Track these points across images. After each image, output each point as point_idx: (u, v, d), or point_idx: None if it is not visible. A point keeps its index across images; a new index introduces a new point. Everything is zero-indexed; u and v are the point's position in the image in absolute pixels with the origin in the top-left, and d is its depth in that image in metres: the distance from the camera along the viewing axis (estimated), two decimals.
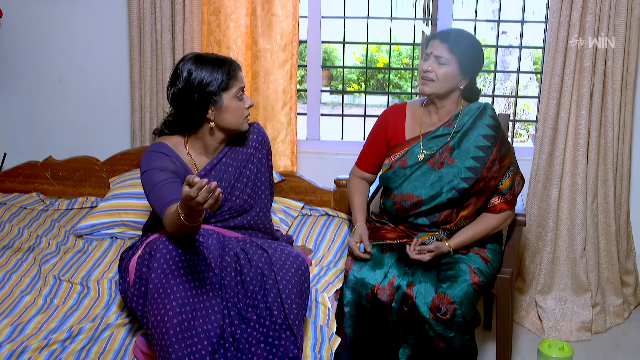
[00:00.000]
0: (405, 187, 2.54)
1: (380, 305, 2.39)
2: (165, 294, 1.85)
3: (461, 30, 2.51)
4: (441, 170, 2.50)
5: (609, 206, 3.17)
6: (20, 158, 3.50)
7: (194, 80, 2.15)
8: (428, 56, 2.46)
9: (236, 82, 2.20)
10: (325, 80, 8.86)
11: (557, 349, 2.76)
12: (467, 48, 2.44)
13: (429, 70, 2.44)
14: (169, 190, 2.06)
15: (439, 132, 2.54)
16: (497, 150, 2.49)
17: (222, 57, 2.21)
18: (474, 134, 2.50)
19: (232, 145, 2.35)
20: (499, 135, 2.51)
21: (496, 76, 6.61)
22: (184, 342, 1.80)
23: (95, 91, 3.49)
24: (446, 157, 2.51)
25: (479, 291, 2.41)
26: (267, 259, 2.03)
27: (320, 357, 2.02)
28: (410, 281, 2.38)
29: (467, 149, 2.49)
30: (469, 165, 2.47)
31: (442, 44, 2.43)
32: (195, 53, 2.24)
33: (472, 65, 2.47)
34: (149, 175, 2.14)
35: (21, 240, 2.79)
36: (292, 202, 3.10)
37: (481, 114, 2.53)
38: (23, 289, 2.39)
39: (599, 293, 3.24)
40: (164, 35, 3.17)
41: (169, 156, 2.21)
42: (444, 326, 2.32)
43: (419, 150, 2.55)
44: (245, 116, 2.24)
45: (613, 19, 2.94)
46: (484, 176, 2.47)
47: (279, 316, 1.91)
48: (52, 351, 1.98)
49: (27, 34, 3.43)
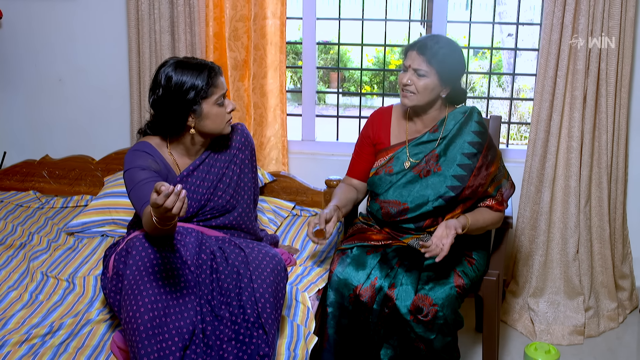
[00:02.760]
0: (391, 194, 2.53)
1: (362, 307, 2.39)
2: (138, 290, 1.88)
3: (439, 38, 2.45)
4: (428, 178, 2.49)
5: (603, 209, 3.15)
6: (20, 157, 3.55)
7: (172, 88, 2.14)
8: (407, 69, 2.43)
9: (216, 89, 2.19)
10: (336, 82, 8.89)
11: (544, 352, 2.75)
12: (446, 58, 2.40)
13: (408, 84, 2.42)
14: (149, 189, 2.08)
15: (424, 139, 2.53)
16: (483, 156, 2.48)
17: (202, 63, 2.19)
18: (460, 140, 2.48)
19: (215, 146, 2.36)
20: (485, 142, 2.50)
21: (504, 78, 6.58)
22: (154, 339, 1.82)
23: (94, 91, 3.53)
24: (432, 165, 2.49)
25: (462, 294, 2.40)
26: (243, 257, 2.04)
27: (295, 356, 2.03)
28: (392, 283, 2.38)
29: (454, 157, 2.48)
30: (455, 173, 2.46)
31: (419, 56, 2.39)
32: (176, 58, 2.23)
33: (452, 74, 2.44)
34: (131, 173, 2.17)
35: (14, 237, 2.84)
36: (282, 202, 3.12)
37: (467, 119, 2.51)
38: (11, 284, 2.43)
39: (593, 297, 3.22)
40: (162, 37, 3.20)
41: (151, 155, 2.24)
42: (424, 328, 2.32)
43: (404, 157, 2.54)
44: (227, 120, 2.25)
45: (607, 20, 2.92)
46: (470, 184, 2.46)
47: (252, 314, 1.92)
48: (31, 345, 2.02)
49: (27, 34, 3.48)
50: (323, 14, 7.93)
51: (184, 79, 2.14)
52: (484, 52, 6.70)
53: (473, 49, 6.52)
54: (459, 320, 2.40)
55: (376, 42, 3.55)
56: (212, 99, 2.18)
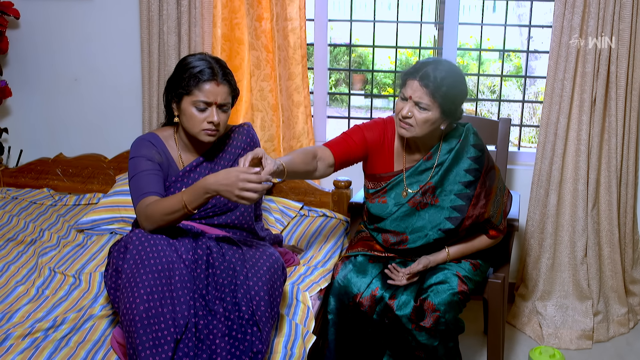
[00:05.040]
0: (389, 225, 2.47)
1: (362, 315, 2.39)
2: (134, 282, 1.91)
3: (441, 67, 2.24)
4: (425, 210, 2.42)
5: (612, 213, 3.12)
6: (36, 155, 3.62)
7: (176, 68, 2.24)
8: (406, 99, 2.27)
9: (199, 92, 2.18)
10: (360, 84, 8.89)
11: (548, 356, 2.73)
12: (450, 90, 2.23)
13: (408, 116, 2.26)
14: (149, 180, 2.15)
15: (421, 168, 2.42)
16: (481, 183, 2.38)
17: (207, 64, 2.20)
18: (457, 169, 2.38)
19: (220, 144, 2.39)
20: (482, 167, 2.39)
21: (523, 81, 6.53)
22: (149, 328, 1.86)
23: (109, 91, 3.59)
24: (429, 198, 2.41)
25: (464, 299, 2.39)
26: (240, 254, 2.06)
27: (292, 354, 2.05)
28: (393, 294, 2.37)
29: (451, 187, 2.39)
30: (453, 204, 2.38)
31: (421, 88, 2.22)
32: (204, 53, 2.29)
33: (455, 106, 2.28)
34: (135, 161, 2.24)
35: (25, 234, 2.90)
36: (290, 203, 3.13)
37: (462, 145, 2.38)
38: (19, 279, 2.48)
39: (602, 301, 3.19)
40: (169, 37, 3.24)
41: (156, 147, 2.29)
42: (428, 335, 2.30)
43: (401, 188, 2.45)
44: (202, 128, 2.22)
45: (617, 23, 2.89)
46: (470, 214, 2.38)
47: (246, 312, 1.94)
48: (34, 339, 2.05)
49: (44, 35, 3.55)
50: (346, 16, 7.95)
51: (189, 66, 2.20)
52: (508, 54, 6.67)
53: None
54: (460, 326, 2.39)
55: (398, 45, 3.54)
56: (191, 99, 2.19)
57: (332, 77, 8.39)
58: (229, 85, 2.22)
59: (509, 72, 6.68)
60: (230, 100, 2.25)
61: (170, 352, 1.86)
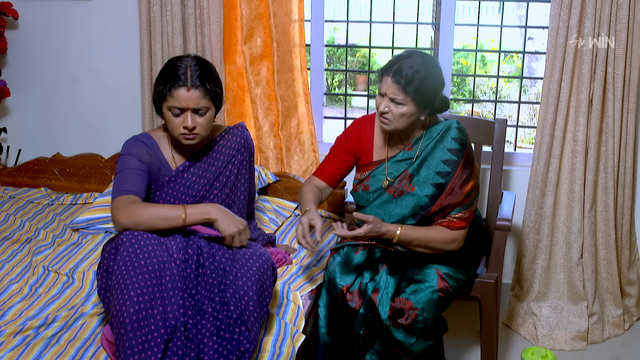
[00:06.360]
0: (369, 212, 2.48)
1: (349, 309, 2.40)
2: (124, 284, 1.92)
3: (413, 61, 2.29)
4: (401, 198, 2.44)
5: (609, 215, 3.12)
6: (35, 154, 3.64)
7: (158, 75, 2.24)
8: (383, 96, 2.33)
9: (171, 98, 2.17)
10: (364, 85, 8.89)
11: (540, 356, 2.73)
12: (422, 83, 2.27)
13: (385, 111, 2.33)
14: (133, 180, 2.19)
15: (399, 157, 2.47)
16: (458, 175, 2.40)
17: (182, 69, 2.17)
18: (434, 159, 2.41)
19: (213, 145, 2.40)
20: (460, 160, 2.40)
21: (524, 82, 6.53)
22: (139, 331, 1.86)
23: (107, 91, 3.60)
24: (405, 185, 2.44)
25: (445, 297, 2.38)
26: (230, 255, 2.07)
27: (280, 353, 2.06)
28: (375, 287, 2.38)
29: (427, 176, 2.41)
30: (428, 193, 2.40)
31: (394, 84, 2.28)
32: (189, 55, 2.26)
33: (430, 98, 2.33)
34: (124, 158, 2.27)
35: (21, 232, 2.91)
36: (285, 203, 3.14)
37: (442, 137, 2.42)
38: (12, 277, 2.49)
39: (597, 302, 3.18)
40: (175, 38, 3.25)
41: (147, 146, 2.30)
42: (405, 333, 2.31)
43: (382, 176, 2.49)
44: (179, 132, 2.21)
45: (614, 24, 2.89)
46: (440, 202, 2.39)
47: (234, 311, 1.95)
48: (25, 336, 2.07)
49: (43, 36, 3.56)
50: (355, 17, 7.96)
51: (166, 71, 2.20)
52: (511, 55, 6.65)
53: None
54: (441, 325, 2.38)
55: (397, 45, 3.55)
56: (166, 104, 2.19)
57: (336, 77, 8.40)
58: (202, 89, 2.17)
59: (510, 73, 6.66)
60: (207, 104, 2.19)
61: (160, 353, 1.87)
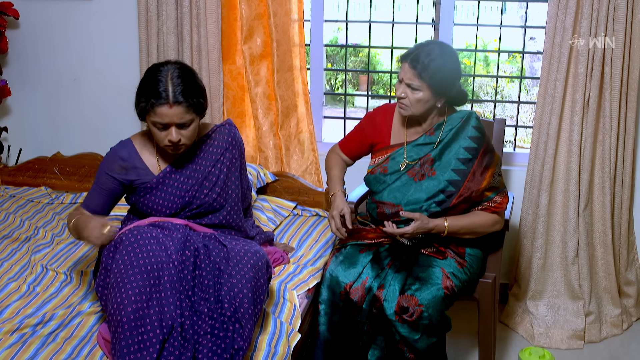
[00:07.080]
0: (385, 196, 2.54)
1: (352, 305, 2.41)
2: (122, 283, 1.93)
3: (431, 49, 2.39)
4: (422, 182, 2.49)
5: (605, 214, 3.12)
6: (36, 154, 3.65)
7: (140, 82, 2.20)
8: (400, 82, 2.44)
9: (154, 115, 2.12)
10: (367, 85, 8.90)
11: (537, 356, 2.73)
12: (438, 71, 2.36)
13: (402, 97, 2.43)
14: (96, 196, 2.33)
15: (420, 141, 2.54)
16: (478, 162, 2.48)
17: (162, 85, 2.11)
18: (456, 146, 2.49)
19: (200, 144, 2.36)
20: (481, 147, 2.49)
21: (526, 82, 6.52)
22: (136, 330, 1.88)
23: (108, 90, 3.61)
24: (427, 169, 2.50)
25: (450, 295, 2.40)
26: (225, 253, 2.08)
27: (275, 352, 2.07)
28: (381, 284, 2.40)
29: (448, 161, 2.48)
30: (449, 178, 2.47)
31: (411, 70, 2.38)
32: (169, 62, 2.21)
33: (445, 86, 2.42)
34: (98, 173, 2.34)
35: (20, 231, 2.93)
36: (284, 202, 3.15)
37: (464, 125, 2.51)
38: (11, 276, 2.51)
39: (594, 302, 3.18)
40: (168, 37, 3.26)
41: (124, 160, 2.30)
42: (410, 328, 2.33)
43: (401, 159, 2.55)
44: (165, 144, 2.19)
45: (611, 24, 2.88)
46: (464, 190, 2.46)
47: (228, 309, 1.96)
48: (22, 334, 2.08)
49: (44, 35, 3.58)
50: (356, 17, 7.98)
51: (147, 83, 2.14)
52: (514, 56, 6.65)
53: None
54: (445, 322, 2.40)
55: (401, 45, 3.56)
56: (149, 118, 2.15)
57: (340, 77, 8.42)
58: (185, 105, 2.11)
59: (512, 73, 6.66)
60: (191, 117, 2.15)
61: (156, 353, 1.88)
